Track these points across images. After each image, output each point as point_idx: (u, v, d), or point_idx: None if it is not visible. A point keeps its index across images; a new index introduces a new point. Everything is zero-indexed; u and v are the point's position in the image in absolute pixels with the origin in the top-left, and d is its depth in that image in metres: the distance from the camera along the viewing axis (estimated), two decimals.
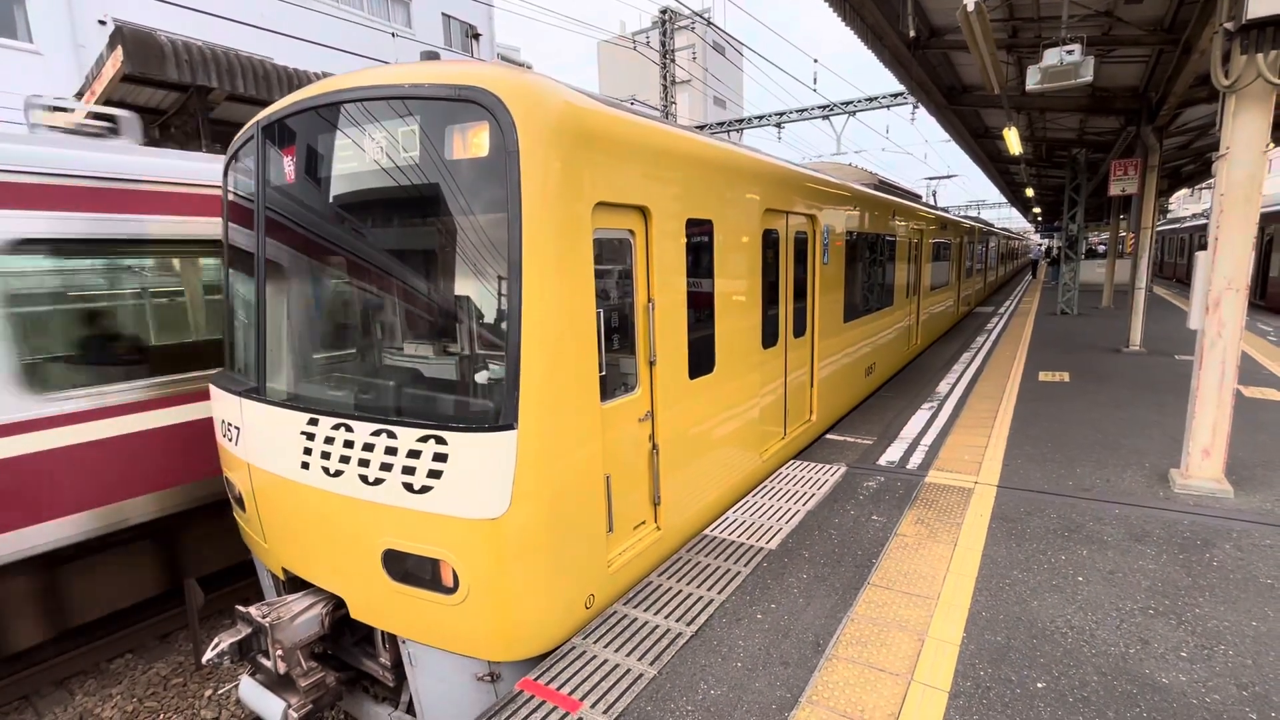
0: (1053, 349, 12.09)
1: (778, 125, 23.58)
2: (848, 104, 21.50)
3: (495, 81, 2.97)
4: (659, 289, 3.91)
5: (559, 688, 3.01)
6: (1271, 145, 4.83)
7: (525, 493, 2.97)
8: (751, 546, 4.39)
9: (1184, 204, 43.65)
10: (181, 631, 5.62)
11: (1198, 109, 11.00)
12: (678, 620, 3.54)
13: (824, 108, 22.07)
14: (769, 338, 5.56)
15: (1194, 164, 18.37)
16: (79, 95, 7.87)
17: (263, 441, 3.74)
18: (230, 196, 4.21)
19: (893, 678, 3.03)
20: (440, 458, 3.00)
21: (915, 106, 19.49)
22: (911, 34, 7.52)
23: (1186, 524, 4.57)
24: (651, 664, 3.18)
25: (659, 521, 4.12)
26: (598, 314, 3.33)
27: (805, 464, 6.02)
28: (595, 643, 3.35)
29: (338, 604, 3.62)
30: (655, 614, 3.61)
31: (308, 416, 3.45)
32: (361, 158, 3.33)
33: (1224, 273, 4.81)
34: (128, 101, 7.28)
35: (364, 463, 3.19)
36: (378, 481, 3.15)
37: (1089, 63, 6.26)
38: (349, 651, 3.90)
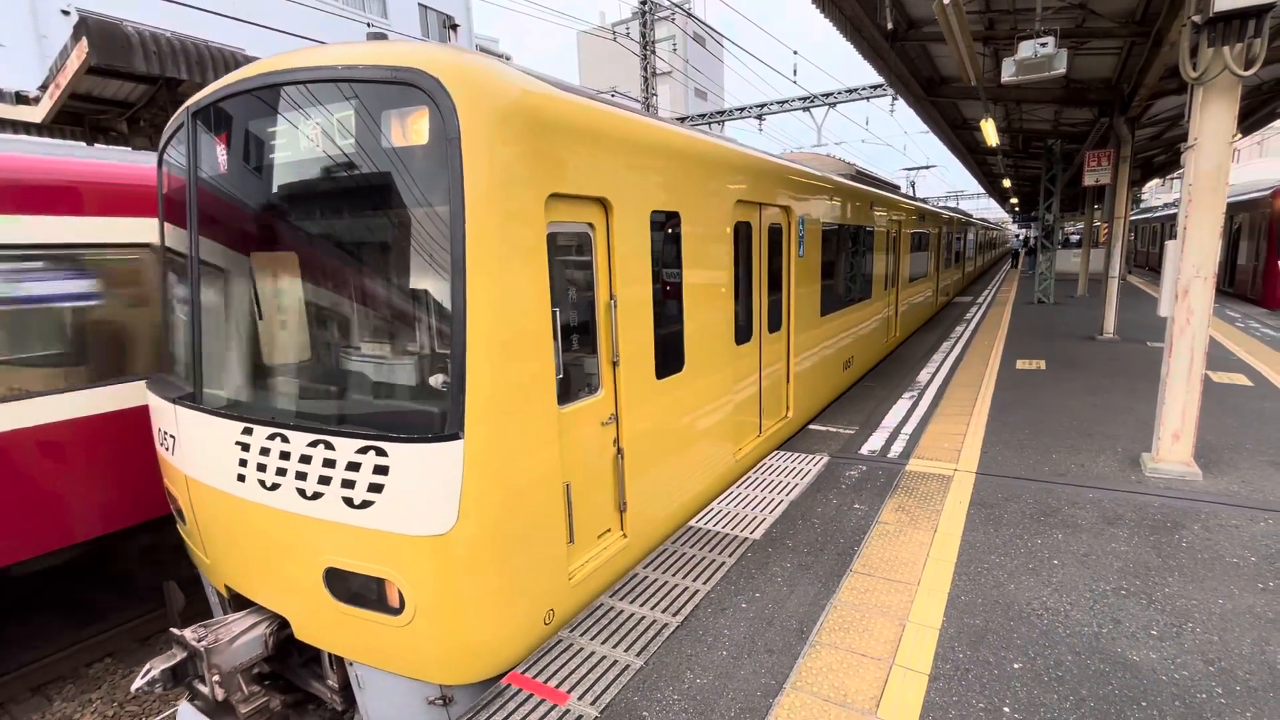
0: (1030, 337, 12.30)
1: (758, 117, 23.62)
2: (828, 96, 21.59)
3: (434, 63, 2.76)
4: (622, 285, 3.72)
5: (546, 680, 3.03)
6: (1238, 136, 4.95)
7: (473, 507, 2.79)
8: (736, 537, 4.43)
9: (1156, 193, 44.55)
10: (162, 634, 5.55)
11: (1168, 100, 11.22)
12: (664, 611, 3.57)
13: (804, 99, 22.14)
14: (743, 333, 5.44)
15: (1165, 154, 18.75)
16: (42, 88, 7.65)
17: (199, 451, 3.48)
18: (164, 189, 3.90)
19: (875, 662, 3.09)
20: (381, 470, 2.80)
21: (894, 98, 19.63)
22: (889, 26, 7.57)
23: (1157, 506, 4.70)
24: (638, 655, 3.21)
25: (625, 529, 3.97)
26: (553, 313, 3.15)
27: (788, 454, 6.08)
28: (582, 635, 3.37)
29: (283, 623, 3.39)
30: (641, 605, 3.64)
31: (242, 425, 3.21)
32: (296, 146, 3.09)
33: (1192, 261, 4.93)
34: (95, 94, 7.10)
35: (301, 475, 2.98)
36: (316, 496, 2.94)
37: (1063, 55, 6.35)
38: (296, 673, 3.67)
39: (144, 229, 4.93)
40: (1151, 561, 3.94)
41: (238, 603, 3.66)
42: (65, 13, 16.44)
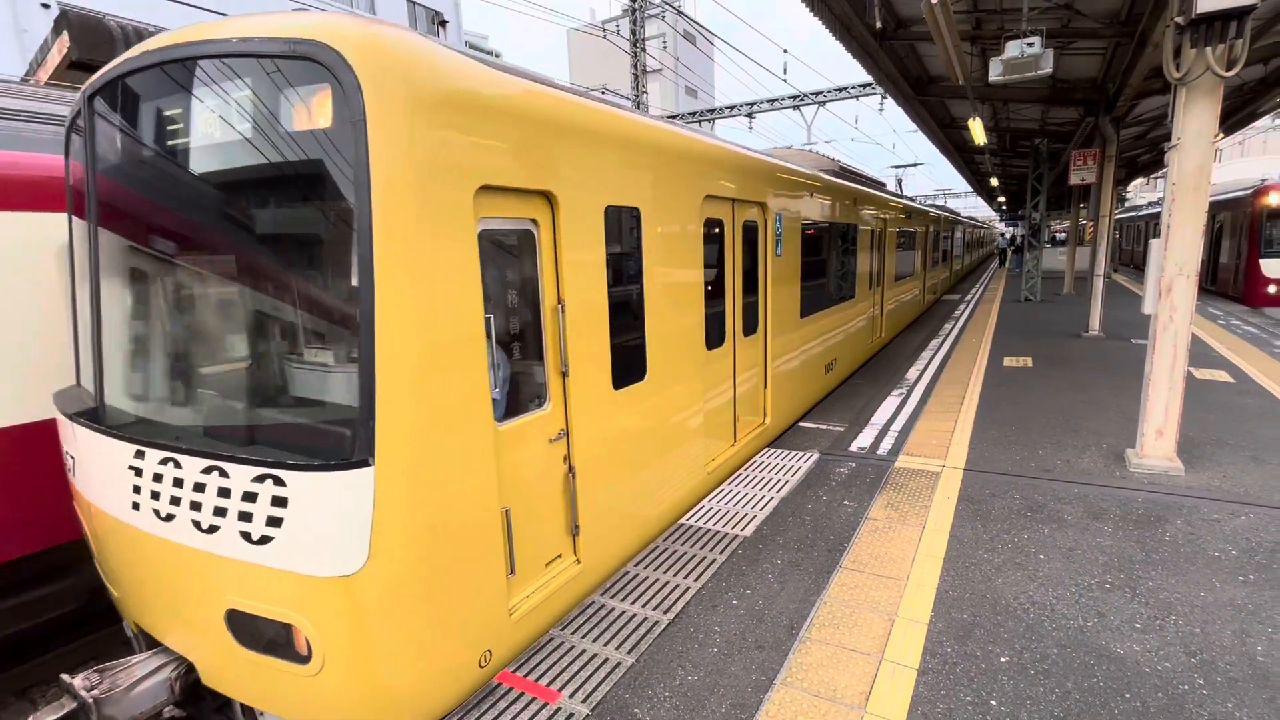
0: (1017, 335, 12.42)
1: (749, 115, 23.66)
2: (817, 94, 21.66)
3: (337, 34, 2.40)
4: (571, 288, 3.40)
5: (537, 679, 3.03)
6: (1220, 136, 5.02)
7: (388, 543, 2.47)
8: (727, 534, 4.45)
9: (1140, 192, 45.09)
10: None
11: (1152, 100, 11.36)
12: (654, 609, 3.58)
13: (794, 98, 22.20)
14: (714, 338, 5.16)
15: (1149, 154, 18.98)
16: (22, 83, 7.53)
17: (96, 475, 3.12)
18: (69, 180, 3.46)
19: (864, 657, 3.11)
20: (278, 502, 2.47)
21: (883, 97, 19.73)
22: (878, 25, 7.61)
23: (1141, 501, 4.77)
24: (629, 652, 3.21)
25: (579, 553, 3.66)
26: (487, 320, 2.83)
27: (779, 451, 6.11)
28: (573, 633, 3.37)
29: (191, 665, 3.05)
30: (632, 603, 3.64)
31: (134, 448, 2.86)
32: (191, 131, 2.75)
33: (1175, 259, 5.00)
34: (78, 88, 7.00)
35: (196, 505, 2.65)
36: (212, 529, 2.61)
37: (1049, 55, 6.41)
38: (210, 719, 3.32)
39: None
40: (1135, 555, 3.99)
41: (150, 642, 3.26)
42: (46, 6, 16.19)
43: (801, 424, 7.10)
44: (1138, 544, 4.13)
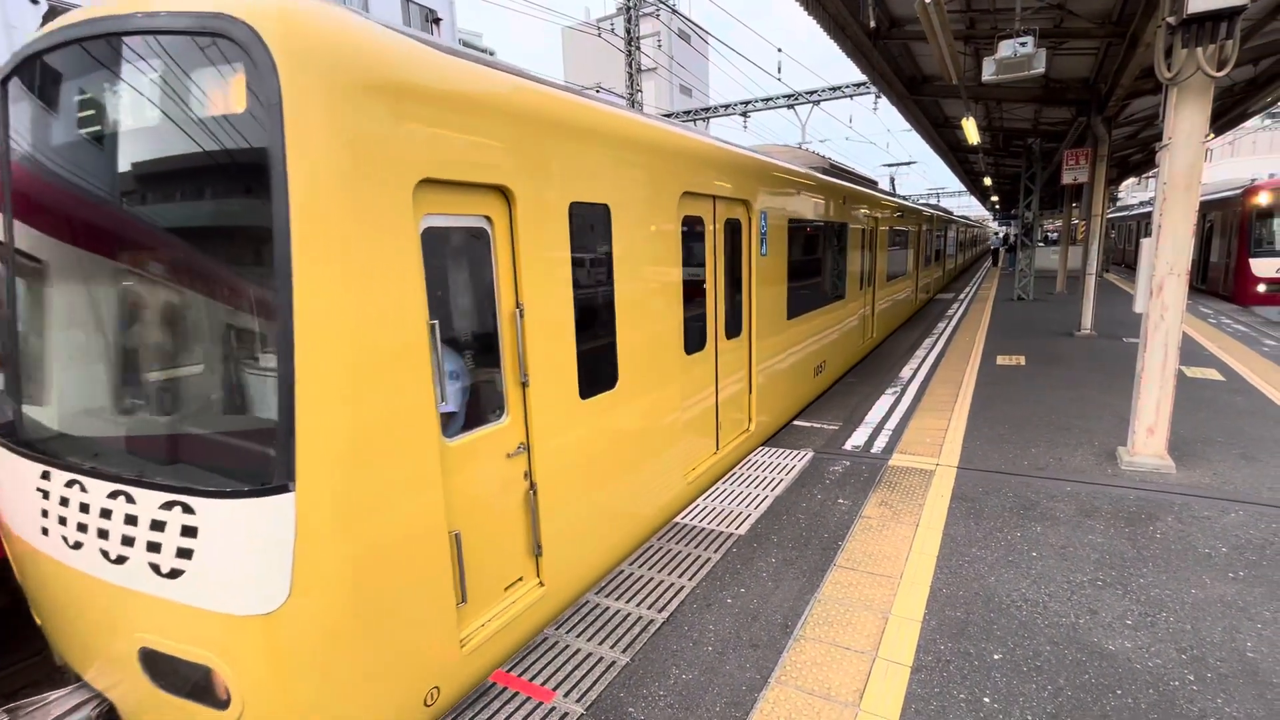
0: (1010, 334, 12.49)
1: (744, 114, 23.68)
2: (812, 93, 21.70)
3: (250, 7, 2.16)
4: (531, 291, 3.15)
5: (532, 678, 3.02)
6: (1211, 136, 5.05)
7: (312, 577, 2.22)
8: (722, 533, 4.45)
9: (1132, 192, 45.37)
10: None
11: (1144, 100, 11.42)
12: (649, 608, 3.58)
13: (789, 97, 22.23)
14: (695, 341, 4.92)
15: (1140, 153, 19.10)
16: None
17: (9, 493, 2.90)
18: None
19: (858, 655, 3.12)
20: (189, 531, 2.23)
21: (877, 96, 19.77)
22: (872, 24, 7.62)
23: (1132, 499, 4.80)
24: (624, 651, 3.21)
25: (542, 576, 3.41)
26: (432, 327, 2.59)
27: (773, 450, 6.12)
28: (568, 633, 3.37)
29: (112, 704, 2.83)
30: (627, 602, 3.64)
31: (41, 468, 2.64)
32: (103, 117, 2.52)
33: (1166, 258, 5.03)
34: None
35: (103, 533, 2.41)
36: (121, 559, 2.37)
37: (1041, 55, 6.44)
38: None
39: None
40: (1127, 553, 4.02)
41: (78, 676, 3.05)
42: (34, 1, 16.03)
43: (796, 422, 7.11)
44: (1129, 541, 4.16)
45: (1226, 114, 12.81)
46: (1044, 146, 16.90)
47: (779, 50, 21.53)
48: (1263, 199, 15.09)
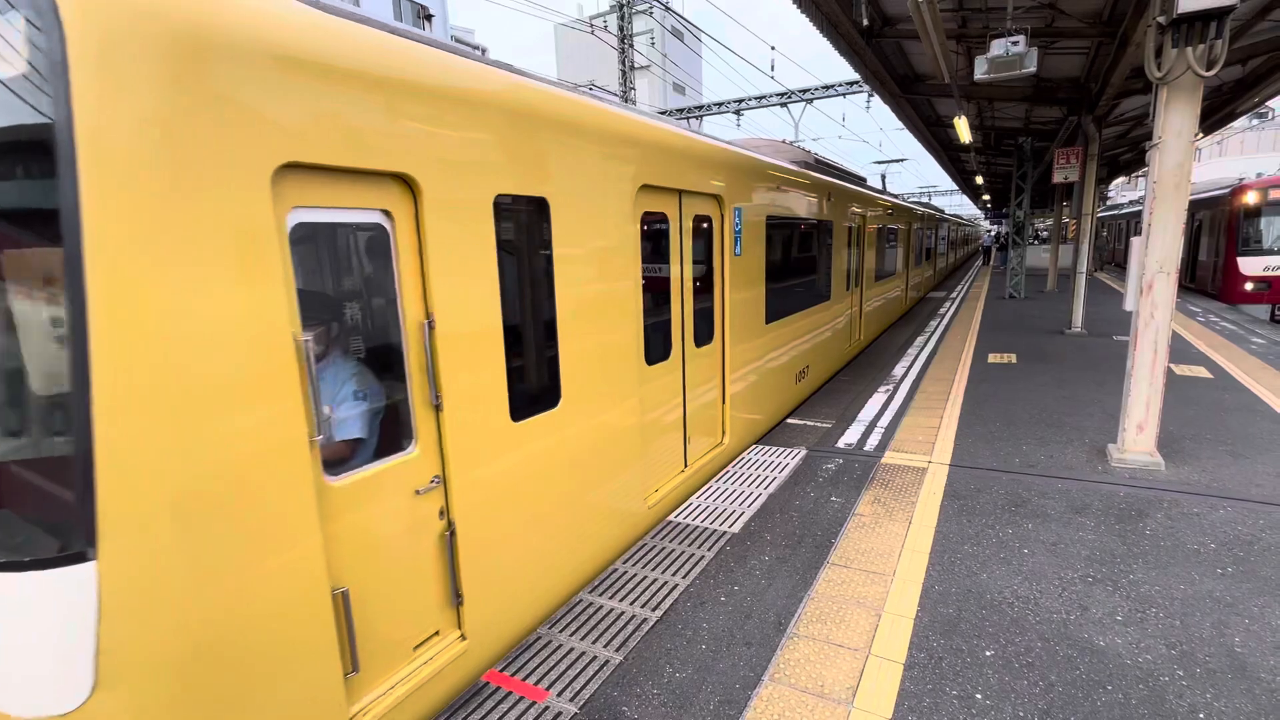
0: (1001, 332, 12.55)
1: (737, 112, 23.69)
2: (805, 92, 21.73)
3: None
4: (445, 299, 2.70)
5: (525, 678, 3.01)
6: (1200, 135, 5.09)
7: (124, 665, 1.78)
8: (715, 531, 4.45)
9: (1122, 191, 45.72)
10: None
11: (1134, 100, 11.50)
12: (643, 606, 3.58)
13: (782, 95, 22.26)
14: (657, 350, 4.55)
15: (1130, 152, 19.23)
16: None
17: None
18: None
19: (851, 653, 3.13)
20: None
21: (870, 95, 19.82)
22: (865, 22, 7.63)
23: (1122, 496, 4.83)
24: (617, 650, 3.21)
25: (464, 627, 2.96)
26: (302, 345, 2.15)
27: (766, 448, 6.13)
28: (561, 632, 3.36)
29: None
30: (621, 601, 3.64)
31: None
32: None
33: (1156, 257, 5.07)
34: None
35: None
36: None
37: (1033, 54, 6.46)
38: None
39: None
40: (1117, 549, 4.05)
41: None
42: None
43: (789, 421, 7.12)
44: (1119, 538, 4.19)
45: (1215, 114, 12.92)
46: (1035, 145, 17.00)
47: (772, 48, 21.54)
48: (1250, 198, 15.24)
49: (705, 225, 5.15)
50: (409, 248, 2.59)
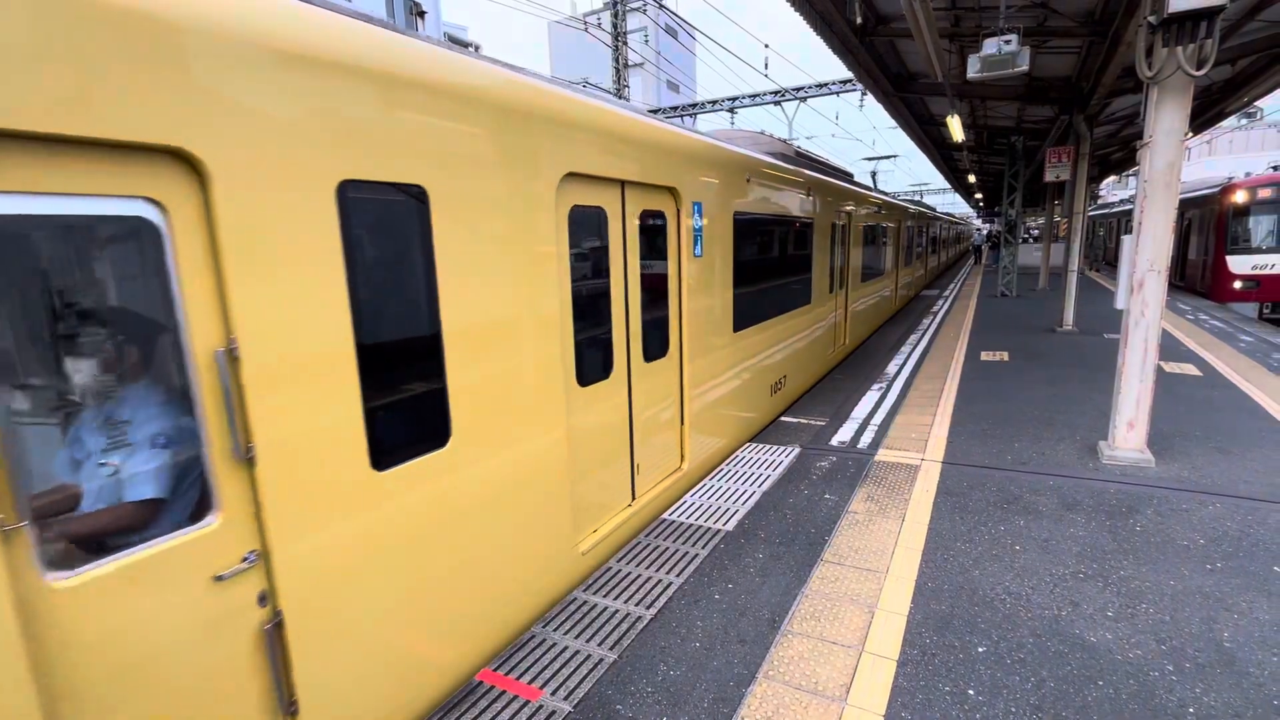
0: (993, 330, 12.62)
1: (730, 110, 23.69)
2: (798, 90, 21.75)
3: None
4: (255, 318, 2.04)
5: (519, 677, 3.00)
6: (1190, 134, 5.12)
7: None
8: (709, 529, 4.46)
9: (1113, 190, 46.05)
10: None
11: (1124, 99, 11.57)
12: (637, 604, 3.58)
13: (775, 93, 22.27)
14: (594, 369, 3.90)
15: (1121, 151, 19.36)
16: None
17: None
18: None
19: (845, 650, 3.14)
20: None
21: (863, 94, 19.86)
22: (858, 21, 7.64)
23: (1113, 492, 4.87)
24: (611, 649, 3.20)
25: None
26: (26, 389, 1.72)
27: (760, 446, 6.14)
28: (555, 630, 3.36)
29: None
30: (615, 599, 3.63)
31: None
32: None
33: (1147, 255, 5.10)
34: None
35: None
36: None
37: (1025, 53, 6.49)
38: None
39: None
40: (1107, 545, 4.08)
41: None
42: None
43: (783, 418, 7.13)
44: (1110, 534, 4.22)
45: (1205, 113, 13.02)
46: (1027, 144, 17.09)
47: (766, 46, 21.54)
48: (1239, 197, 15.36)
49: (657, 222, 4.52)
50: (194, 250, 1.92)
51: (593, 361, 3.91)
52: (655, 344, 4.60)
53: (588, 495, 3.93)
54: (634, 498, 4.49)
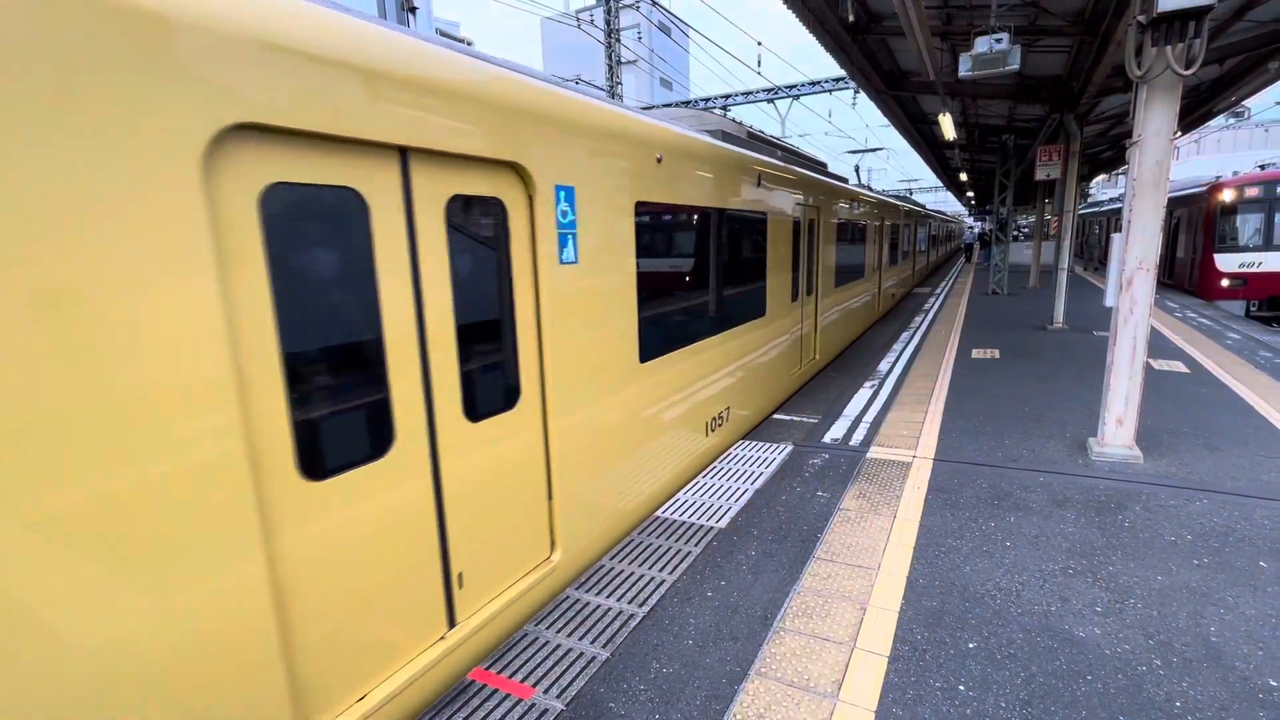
0: (984, 327, 12.69)
1: (724, 108, 23.68)
2: (791, 88, 21.77)
3: None
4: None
5: (511, 675, 3.00)
6: (1178, 134, 5.16)
7: None
8: (702, 526, 4.46)
9: (1102, 188, 46.40)
10: None
11: (1114, 98, 11.64)
12: (630, 602, 3.58)
13: (768, 90, 22.28)
14: (343, 446, 2.50)
15: (1111, 150, 19.49)
16: None
17: None
18: None
19: (837, 646, 3.15)
20: None
21: (856, 91, 19.91)
22: (851, 19, 7.65)
23: (1102, 489, 4.91)
24: (604, 646, 3.20)
25: None
26: None
27: (754, 444, 6.15)
28: (548, 629, 3.35)
29: None
30: (608, 597, 3.63)
31: None
32: None
33: (1136, 253, 5.14)
34: None
35: None
36: None
37: (1016, 51, 6.52)
38: None
39: None
40: (1096, 541, 4.11)
41: None
42: None
43: (776, 416, 7.15)
44: (1099, 530, 4.26)
45: (1193, 112, 13.12)
46: (1018, 143, 17.17)
47: (759, 44, 21.54)
48: (1227, 196, 15.51)
49: (487, 215, 3.19)
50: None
51: (341, 434, 2.51)
52: (489, 393, 3.23)
53: (333, 649, 2.48)
54: (453, 624, 3.04)
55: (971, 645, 3.13)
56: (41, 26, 1.60)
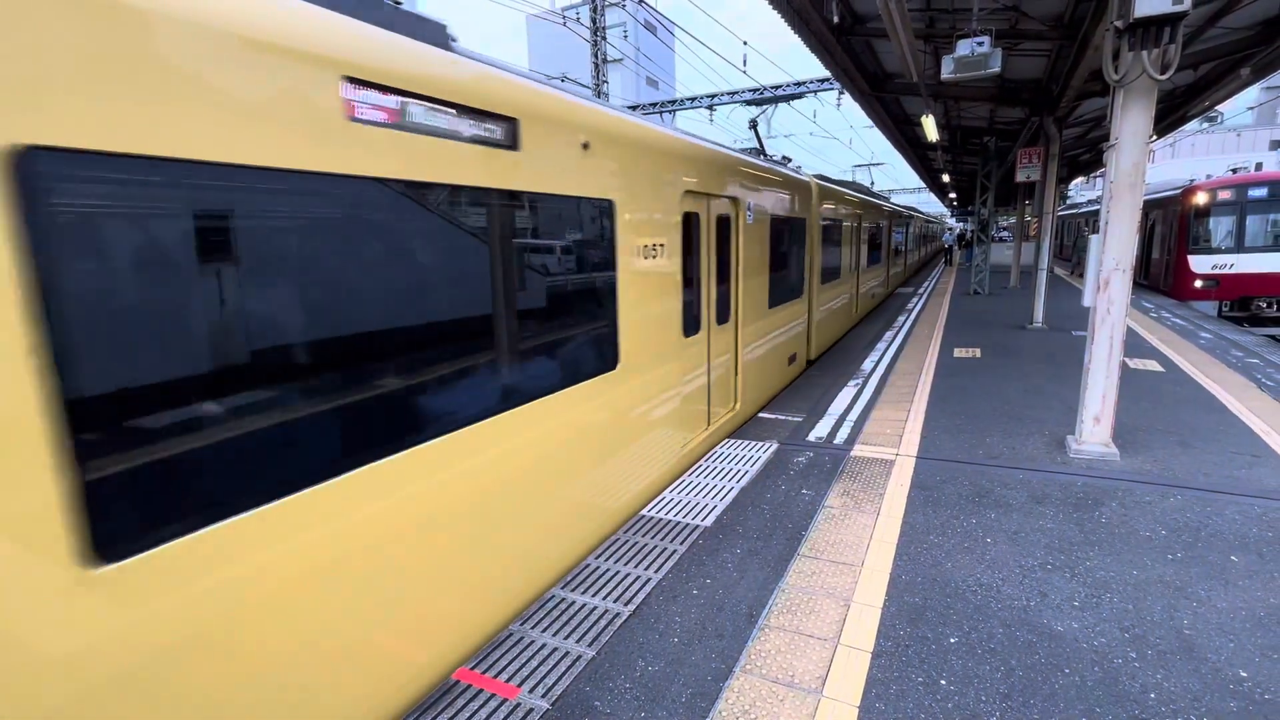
0: (966, 327, 12.85)
1: (709, 108, 23.72)
2: (777, 89, 21.86)
3: None
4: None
5: (496, 675, 2.98)
6: (1154, 137, 5.26)
7: None
8: (687, 525, 4.47)
9: (1081, 190, 47.19)
10: None
11: (1093, 102, 11.84)
12: (615, 601, 3.58)
13: (753, 91, 22.35)
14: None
15: (1089, 153, 19.82)
16: None
17: None
18: None
19: (821, 642, 3.17)
20: None
21: (841, 93, 20.04)
22: (835, 19, 7.70)
23: (1080, 485, 5.00)
24: (590, 645, 3.20)
25: None
26: None
27: (739, 442, 6.17)
28: (533, 628, 3.34)
29: None
30: (593, 596, 3.63)
31: None
32: None
33: (1113, 255, 5.23)
34: None
35: None
36: None
37: (997, 54, 6.60)
38: None
39: None
40: (1074, 537, 4.18)
41: None
42: None
43: (761, 415, 7.18)
44: (1077, 526, 4.33)
45: (1168, 116, 13.39)
46: (999, 145, 17.40)
47: (744, 44, 21.60)
48: (1201, 199, 15.83)
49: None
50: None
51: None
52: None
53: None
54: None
55: (953, 640, 3.17)
56: None
